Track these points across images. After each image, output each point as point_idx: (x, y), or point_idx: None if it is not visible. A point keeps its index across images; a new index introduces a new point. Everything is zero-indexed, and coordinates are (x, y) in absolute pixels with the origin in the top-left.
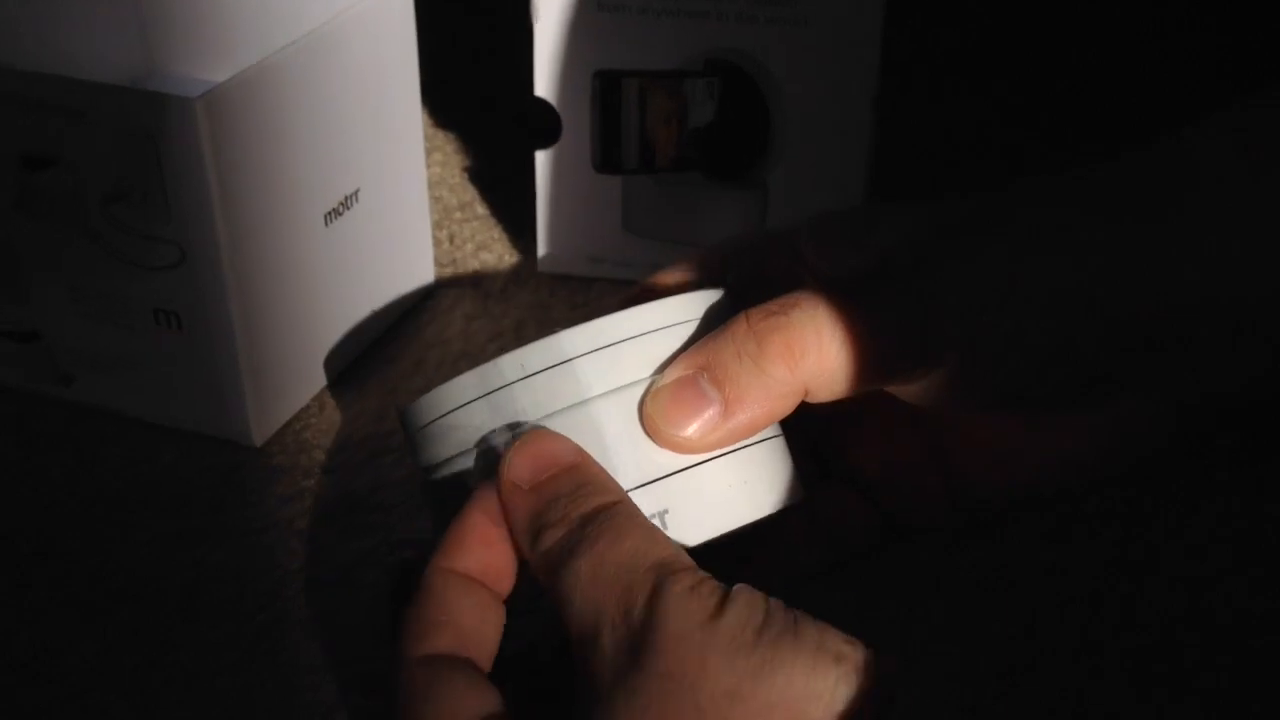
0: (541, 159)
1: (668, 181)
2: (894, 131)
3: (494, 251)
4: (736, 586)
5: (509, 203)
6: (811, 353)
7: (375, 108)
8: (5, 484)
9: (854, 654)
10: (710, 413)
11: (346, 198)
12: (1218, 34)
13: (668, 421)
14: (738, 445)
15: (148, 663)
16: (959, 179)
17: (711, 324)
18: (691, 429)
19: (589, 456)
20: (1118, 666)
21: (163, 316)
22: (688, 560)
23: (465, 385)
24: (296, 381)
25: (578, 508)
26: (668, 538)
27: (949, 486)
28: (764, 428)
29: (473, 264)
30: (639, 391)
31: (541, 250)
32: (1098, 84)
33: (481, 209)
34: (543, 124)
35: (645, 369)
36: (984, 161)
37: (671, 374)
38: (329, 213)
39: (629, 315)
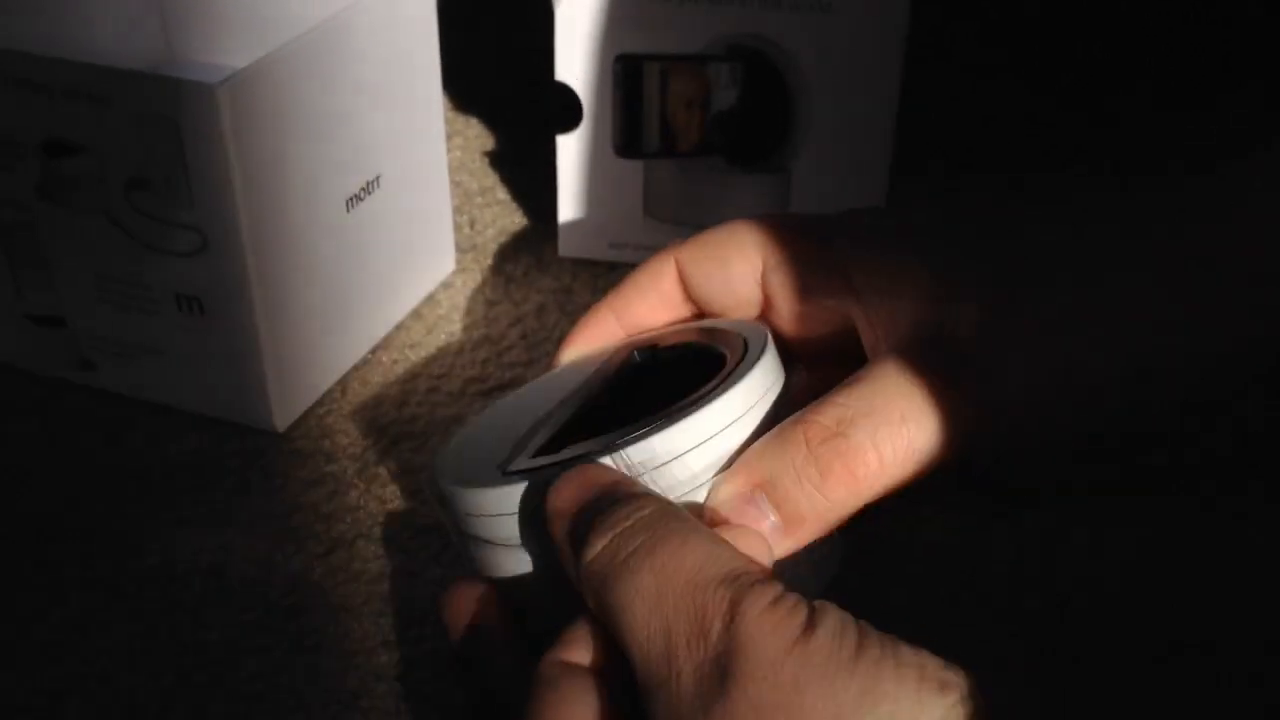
0: (563, 143)
1: (689, 166)
2: (917, 115)
3: (515, 236)
4: (819, 603)
5: (530, 187)
6: (874, 471)
7: (396, 93)
8: (33, 467)
9: (959, 682)
10: (768, 528)
11: (368, 183)
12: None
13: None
14: None
15: (176, 644)
16: (981, 163)
17: (766, 407)
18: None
19: (633, 480)
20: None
21: (185, 302)
22: (760, 568)
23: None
24: (319, 366)
25: (626, 509)
26: (732, 545)
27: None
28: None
29: (493, 249)
30: (704, 492)
31: (562, 235)
32: (1120, 68)
33: (502, 194)
34: (564, 108)
35: (708, 472)
36: (1008, 146)
37: (729, 488)
38: (350, 198)
39: (684, 428)
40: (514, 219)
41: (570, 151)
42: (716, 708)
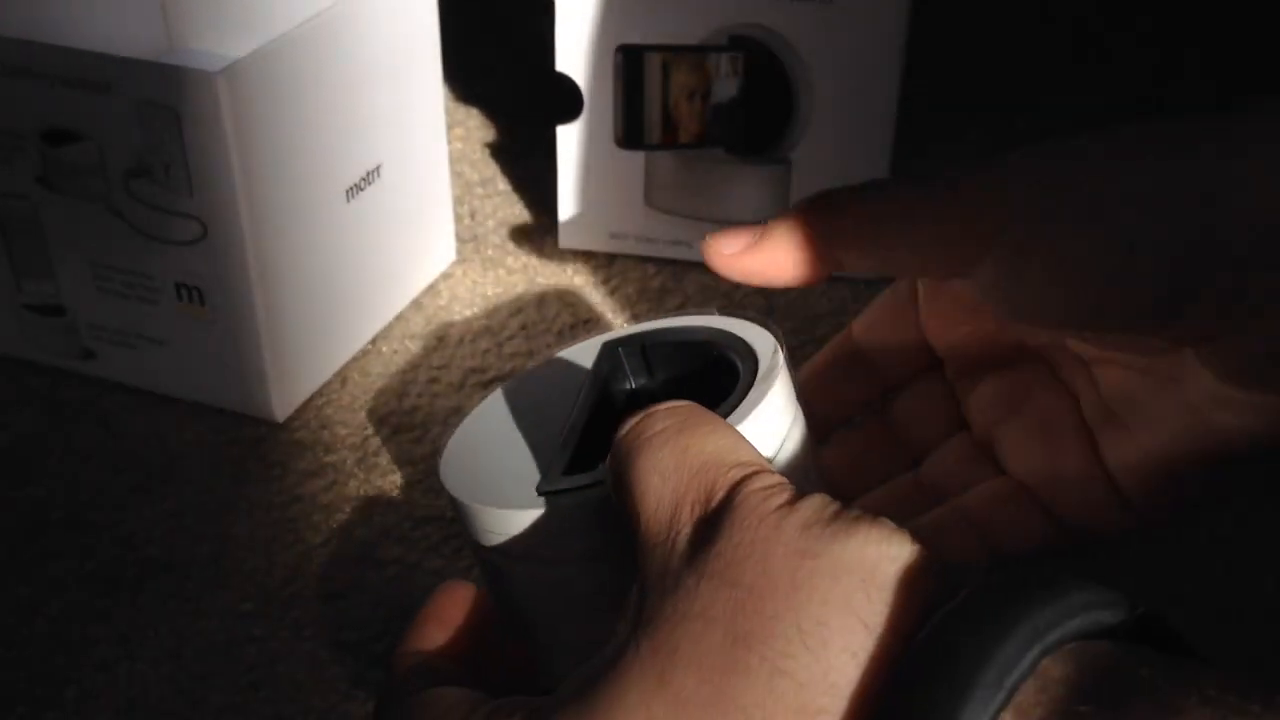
0: (563, 134)
1: (690, 158)
2: (917, 106)
3: (515, 227)
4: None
5: (531, 179)
6: (851, 214)
7: (396, 83)
8: (34, 456)
9: (927, 543)
10: (747, 238)
11: (368, 173)
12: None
13: (717, 240)
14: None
15: (176, 632)
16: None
17: (787, 423)
18: (729, 247)
19: None
20: None
21: (185, 291)
22: (772, 469)
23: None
24: (318, 356)
25: (665, 405)
26: (754, 446)
27: (1115, 485)
28: (798, 267)
29: (494, 240)
30: None
31: (563, 227)
32: (1123, 62)
33: (503, 185)
34: (564, 99)
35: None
36: (1008, 137)
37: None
38: (350, 188)
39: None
40: (515, 210)
41: (571, 143)
42: (700, 556)
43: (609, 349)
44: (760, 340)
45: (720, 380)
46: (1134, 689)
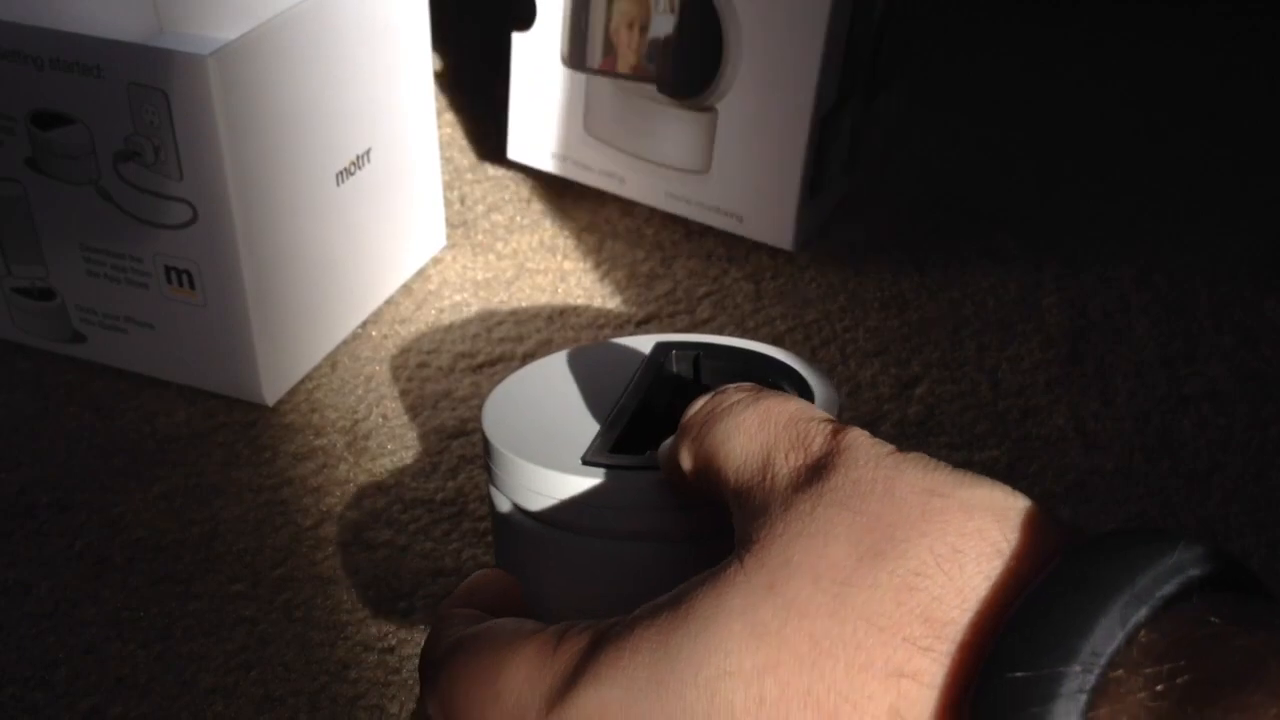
0: (518, 42)
1: (627, 90)
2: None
3: (505, 213)
4: None
5: (521, 166)
6: None
7: (386, 68)
8: (24, 438)
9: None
10: None
11: (358, 157)
12: None
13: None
14: None
15: (166, 614)
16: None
17: None
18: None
19: None
20: None
21: (175, 275)
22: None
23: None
24: (308, 340)
25: (730, 386)
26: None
27: None
28: None
29: (484, 225)
30: None
31: (511, 137)
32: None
33: (493, 171)
34: (523, 11)
35: None
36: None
37: None
38: (340, 172)
39: None
40: (504, 195)
41: (524, 53)
42: (812, 488)
43: (662, 348)
44: (820, 386)
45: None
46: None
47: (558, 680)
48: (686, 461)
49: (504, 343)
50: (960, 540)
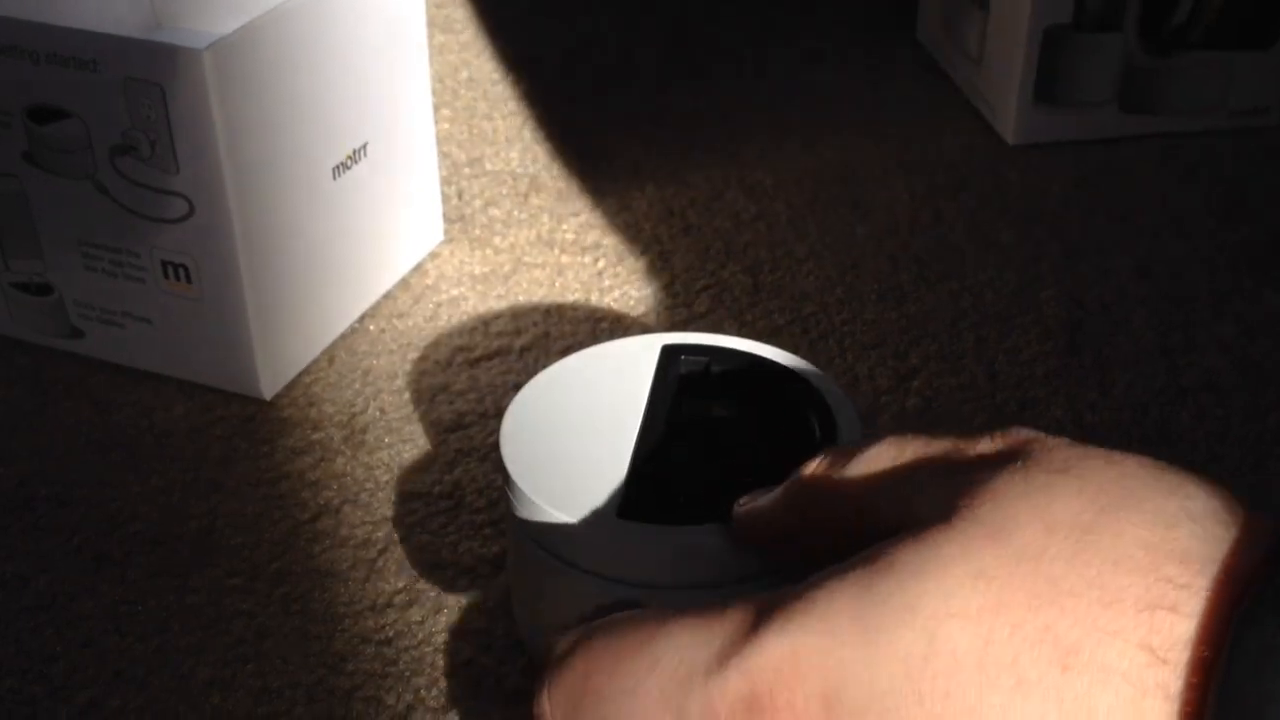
0: None
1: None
2: None
3: (502, 208)
4: None
5: (519, 160)
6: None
7: (384, 62)
8: (22, 433)
9: None
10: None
11: (355, 151)
12: None
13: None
14: None
15: (164, 608)
16: None
17: None
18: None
19: None
20: None
21: (172, 269)
22: None
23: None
24: (305, 335)
25: (830, 449)
26: None
27: None
28: None
29: (481, 220)
30: None
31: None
32: None
33: (490, 165)
34: None
35: None
36: None
37: None
38: (337, 166)
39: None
40: (501, 190)
41: None
42: (1009, 465)
43: (670, 352)
44: (819, 380)
45: (797, 423)
46: None
47: (735, 632)
48: (807, 511)
49: (501, 336)
50: (1189, 505)
